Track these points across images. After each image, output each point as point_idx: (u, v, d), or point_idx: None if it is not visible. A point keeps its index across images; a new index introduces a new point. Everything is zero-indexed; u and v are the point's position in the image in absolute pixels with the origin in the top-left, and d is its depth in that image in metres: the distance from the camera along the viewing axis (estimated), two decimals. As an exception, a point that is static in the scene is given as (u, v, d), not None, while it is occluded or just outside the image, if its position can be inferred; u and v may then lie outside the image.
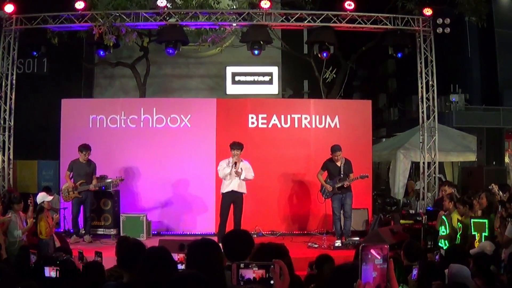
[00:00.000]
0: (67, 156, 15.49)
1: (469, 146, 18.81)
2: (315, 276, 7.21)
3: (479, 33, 25.51)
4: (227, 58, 20.18)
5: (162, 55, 17.93)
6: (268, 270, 3.58)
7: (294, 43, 19.80)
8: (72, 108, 16.55)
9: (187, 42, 16.89)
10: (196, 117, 15.96)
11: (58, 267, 5.45)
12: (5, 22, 16.97)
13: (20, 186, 17.98)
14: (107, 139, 15.94)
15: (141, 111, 16.09)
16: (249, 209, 15.24)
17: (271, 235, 15.16)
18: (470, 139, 19.27)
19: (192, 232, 15.31)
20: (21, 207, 11.34)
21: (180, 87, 21.00)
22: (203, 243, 5.02)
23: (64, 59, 19.99)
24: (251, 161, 15.34)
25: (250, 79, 20.44)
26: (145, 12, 16.42)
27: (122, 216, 15.13)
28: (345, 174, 13.73)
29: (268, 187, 15.73)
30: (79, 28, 16.99)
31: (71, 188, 14.57)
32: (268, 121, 15.89)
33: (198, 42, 18.21)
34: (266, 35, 16.08)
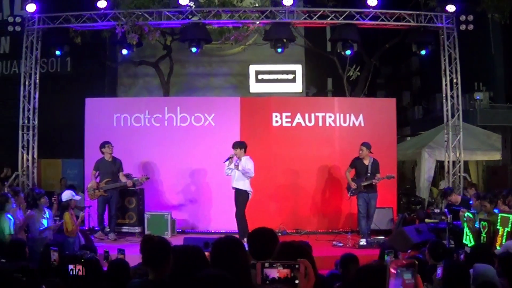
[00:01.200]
0: (92, 155, 15.64)
1: (494, 144, 18.76)
2: (339, 275, 7.23)
3: (502, 30, 25.39)
4: (250, 56, 20.17)
5: (186, 54, 18.10)
6: (293, 270, 3.60)
7: (317, 41, 19.78)
8: (96, 107, 16.69)
9: (210, 40, 16.95)
10: (220, 115, 16.01)
11: (83, 265, 5.45)
12: (27, 21, 17.17)
13: (45, 185, 18.15)
14: (131, 138, 16.05)
15: (165, 110, 16.16)
16: (274, 207, 15.62)
17: (296, 233, 15.17)
18: (495, 138, 19.22)
19: (217, 230, 15.31)
20: (46, 201, 11.56)
21: (204, 86, 21.07)
22: (227, 241, 5.06)
23: (87, 58, 20.23)
24: (275, 159, 15.67)
25: (274, 77, 20.41)
26: (168, 11, 16.51)
27: (147, 214, 15.20)
28: (372, 174, 13.79)
29: (292, 185, 15.76)
30: (101, 27, 17.11)
31: (95, 187, 14.78)
32: (292, 120, 15.86)
33: (221, 41, 18.27)
34: (289, 33, 16.13)
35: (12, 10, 22.37)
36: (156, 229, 14.40)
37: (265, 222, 13.96)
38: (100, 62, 20.89)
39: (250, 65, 20.54)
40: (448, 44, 16.11)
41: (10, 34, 19.86)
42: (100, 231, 14.80)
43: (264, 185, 15.61)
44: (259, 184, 15.37)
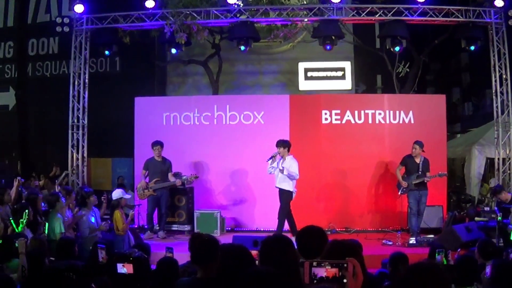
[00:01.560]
0: (141, 154, 15.80)
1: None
2: (388, 274, 7.22)
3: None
4: (299, 53, 20.13)
5: (234, 52, 18.18)
6: (341, 269, 3.59)
7: (366, 38, 19.69)
8: (145, 106, 16.84)
9: (258, 38, 17.05)
10: (269, 113, 15.97)
11: (131, 263, 5.55)
12: (75, 22, 17.41)
13: (95, 183, 18.45)
14: (180, 136, 16.14)
15: (215, 108, 16.20)
16: (323, 205, 15.57)
17: (345, 232, 15.08)
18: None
19: (266, 228, 15.22)
20: (95, 200, 11.72)
21: (253, 84, 21.11)
22: (276, 239, 5.09)
23: (136, 57, 20.46)
24: (325, 157, 15.56)
25: (323, 75, 20.34)
26: (216, 10, 16.61)
27: (196, 213, 15.30)
28: (423, 172, 13.70)
29: (342, 183, 15.67)
30: (150, 26, 17.32)
31: (145, 187, 14.92)
32: (342, 117, 15.72)
33: (269, 38, 18.28)
34: (337, 30, 16.08)
35: (60, 11, 22.69)
36: (205, 227, 14.52)
37: (314, 221, 13.95)
38: (149, 62, 21.05)
39: (299, 63, 20.48)
40: (497, 39, 15.92)
41: (59, 35, 20.22)
42: (149, 231, 14.92)
43: (314, 183, 15.64)
44: (308, 182, 15.40)
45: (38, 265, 6.83)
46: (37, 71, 23.30)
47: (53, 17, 21.74)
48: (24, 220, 9.35)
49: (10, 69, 23.88)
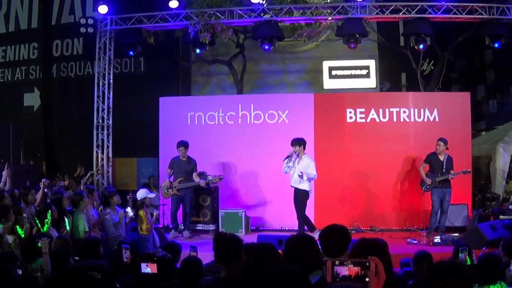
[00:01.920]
0: (166, 154, 15.90)
1: None
2: (413, 273, 7.25)
3: None
4: (323, 52, 20.09)
5: (258, 51, 18.20)
6: (363, 268, 3.61)
7: (390, 35, 19.64)
8: (170, 106, 16.94)
9: (282, 37, 17.12)
10: (293, 112, 15.96)
11: (155, 263, 5.52)
12: (100, 23, 17.61)
13: (120, 183, 18.62)
14: (205, 136, 16.22)
15: (239, 107, 16.26)
16: (348, 204, 15.55)
17: (370, 231, 15.09)
18: None
19: (291, 227, 15.01)
20: (118, 200, 11.73)
21: (277, 83, 21.09)
22: (300, 238, 5.16)
23: (161, 58, 20.57)
24: (349, 156, 15.58)
25: (347, 73, 20.28)
26: (240, 9, 16.72)
27: (221, 212, 15.35)
28: (446, 170, 13.69)
29: (366, 182, 15.67)
30: (174, 27, 17.48)
31: (169, 186, 15.04)
32: (367, 116, 15.71)
33: (293, 37, 18.29)
34: (361, 28, 16.16)
35: (84, 12, 22.83)
36: (230, 226, 14.55)
37: (339, 220, 13.94)
38: (174, 62, 21.15)
39: (323, 61, 20.43)
40: (521, 36, 15.90)
41: (83, 36, 20.43)
42: (173, 230, 14.98)
43: (338, 182, 15.70)
44: (333, 181, 15.52)
45: (62, 265, 6.87)
46: (61, 72, 23.44)
47: (77, 18, 21.86)
48: (48, 220, 9.44)
49: (34, 70, 24.05)
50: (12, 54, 24.91)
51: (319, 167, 15.18)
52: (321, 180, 15.28)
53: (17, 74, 24.61)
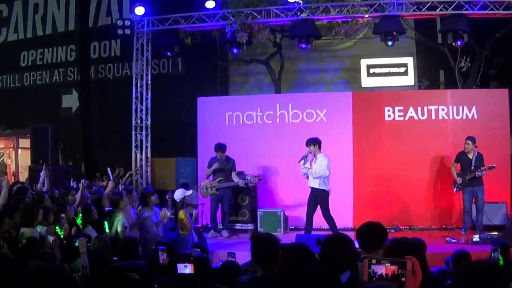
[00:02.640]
0: (205, 153, 16.20)
1: None
2: (451, 272, 7.27)
3: None
4: (361, 50, 20.02)
5: (296, 50, 18.15)
6: (400, 267, 3.67)
7: (427, 33, 19.51)
8: (208, 105, 17.17)
9: (319, 36, 17.17)
10: (332, 111, 16.05)
11: (192, 263, 5.57)
12: (137, 24, 17.85)
13: (159, 183, 18.83)
14: (243, 135, 16.45)
15: (277, 107, 16.40)
16: (387, 203, 15.62)
17: (409, 229, 15.11)
18: None
19: (329, 227, 14.81)
20: (156, 200, 11.96)
21: (315, 82, 21.03)
22: (337, 238, 5.29)
23: (198, 58, 20.64)
24: (388, 154, 15.69)
25: (385, 71, 20.19)
26: (276, 8, 16.75)
27: (260, 212, 15.55)
28: (476, 167, 13.73)
29: (405, 181, 15.68)
30: (211, 27, 17.64)
31: (208, 185, 15.20)
32: (405, 114, 15.82)
33: (330, 36, 18.26)
34: (398, 26, 16.13)
35: (120, 14, 22.95)
36: (268, 226, 14.73)
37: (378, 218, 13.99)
38: (211, 62, 21.24)
39: (361, 59, 20.37)
40: (559, 31, 15.78)
41: (120, 37, 20.60)
42: (212, 230, 15.21)
43: (377, 181, 15.80)
44: (372, 179, 15.64)
45: (101, 265, 6.94)
46: (99, 73, 23.60)
47: (114, 20, 21.92)
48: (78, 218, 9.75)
49: (72, 72, 24.25)
50: (50, 56, 25.16)
51: (358, 165, 15.40)
52: (360, 179, 15.47)
53: (55, 76, 24.84)
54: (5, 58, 25.90)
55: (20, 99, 24.85)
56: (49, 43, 25.08)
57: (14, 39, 26.09)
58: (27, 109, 24.24)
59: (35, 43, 25.42)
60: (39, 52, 25.27)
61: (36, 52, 25.34)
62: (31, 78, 25.36)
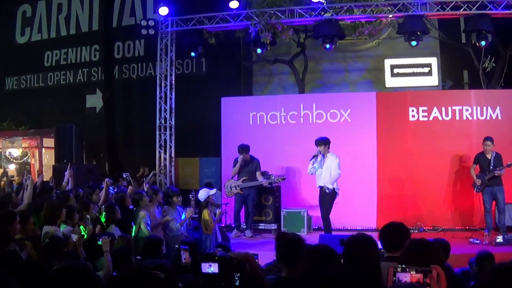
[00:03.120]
0: (228, 153, 16.30)
1: None
2: (474, 273, 7.26)
3: None
4: (385, 50, 20.01)
5: (320, 50, 18.28)
6: (426, 275, 3.74)
7: (451, 32, 19.45)
8: (232, 106, 17.29)
9: (343, 36, 17.17)
10: (356, 111, 16.05)
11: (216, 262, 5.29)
12: (160, 24, 17.98)
13: (182, 183, 18.95)
14: (267, 135, 16.49)
15: (301, 107, 16.42)
16: (411, 203, 15.63)
17: (433, 230, 15.09)
18: None
19: (353, 227, 15.25)
20: (180, 201, 11.99)
21: (339, 82, 21.10)
22: (360, 239, 5.26)
23: (222, 58, 20.78)
24: (412, 155, 15.64)
25: (409, 71, 20.12)
26: (300, 8, 16.84)
27: (283, 211, 15.57)
28: (494, 167, 13.77)
29: (429, 181, 15.63)
30: (235, 27, 17.75)
31: (232, 185, 15.31)
32: (429, 114, 15.78)
33: (354, 36, 18.32)
34: (422, 26, 16.13)
35: (144, 14, 23.10)
36: (292, 226, 14.79)
37: (401, 218, 13.97)
38: (235, 62, 21.33)
39: (385, 59, 20.37)
40: None
41: (144, 37, 20.79)
42: (236, 230, 15.31)
43: (401, 181, 15.81)
44: (396, 179, 15.65)
45: (124, 264, 7.13)
46: (123, 73, 23.76)
47: (138, 20, 22.07)
48: (102, 216, 9.87)
49: (96, 72, 24.47)
50: (74, 57, 25.38)
51: (382, 166, 15.41)
52: (384, 179, 15.51)
53: (79, 76, 25.07)
54: (29, 58, 26.22)
55: (44, 99, 25.19)
56: (73, 43, 25.38)
57: (38, 39, 26.45)
58: (51, 109, 24.57)
59: (59, 43, 25.78)
60: (63, 52, 25.56)
61: (60, 52, 25.64)
62: (55, 78, 25.65)
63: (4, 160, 23.89)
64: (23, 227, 8.28)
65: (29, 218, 8.69)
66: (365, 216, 15.48)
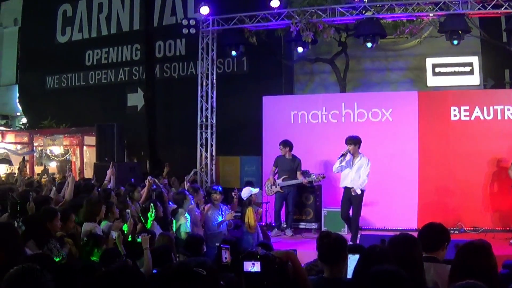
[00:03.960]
0: (269, 152, 16.44)
1: None
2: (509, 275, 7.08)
3: None
4: (426, 49, 20.00)
5: (361, 49, 18.34)
6: None
7: (493, 31, 19.34)
8: (273, 104, 17.39)
9: (385, 35, 17.18)
10: (397, 111, 16.03)
11: (259, 261, 5.22)
12: (201, 24, 18.15)
13: (223, 181, 18.95)
14: (308, 134, 16.53)
15: (342, 106, 16.45)
16: (452, 204, 15.50)
17: (473, 231, 14.97)
18: None
19: (394, 227, 15.18)
20: (221, 199, 12.13)
21: (380, 81, 21.18)
22: (403, 238, 5.39)
23: (263, 57, 20.97)
24: (454, 155, 15.58)
25: (451, 70, 20.04)
26: (341, 7, 16.88)
27: (324, 211, 15.63)
28: None
29: (470, 181, 15.51)
30: (276, 26, 17.84)
31: (272, 183, 15.45)
32: (471, 113, 15.66)
33: (396, 34, 18.39)
34: (464, 24, 16.00)
35: (185, 13, 23.31)
36: (333, 225, 14.73)
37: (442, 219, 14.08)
38: (276, 61, 21.38)
39: (426, 58, 20.42)
40: None
41: (185, 37, 21.01)
42: (276, 229, 15.37)
43: (443, 181, 15.70)
44: (437, 179, 15.63)
45: (165, 261, 7.16)
46: (164, 72, 24.03)
47: (179, 20, 22.41)
48: (152, 213, 9.88)
49: (137, 71, 24.76)
50: (115, 56, 25.74)
51: (423, 166, 15.41)
52: (425, 179, 15.48)
53: (121, 75, 25.45)
54: (70, 57, 26.69)
55: (85, 98, 25.57)
56: (114, 42, 25.78)
57: (79, 39, 26.90)
58: (92, 107, 24.88)
59: (100, 43, 26.24)
60: (104, 51, 25.96)
61: (101, 51, 26.05)
62: (96, 77, 26.07)
63: (45, 157, 24.26)
64: (64, 224, 8.49)
65: (70, 215, 8.87)
66: (406, 217, 15.38)
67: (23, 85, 29.98)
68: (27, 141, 23.12)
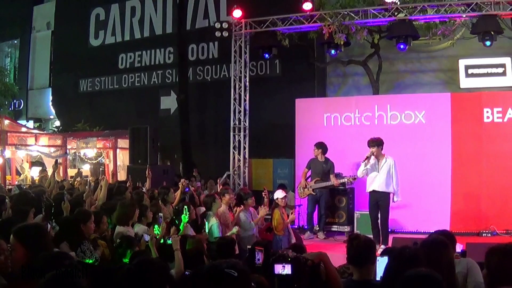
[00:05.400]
0: (302, 154, 16.58)
1: None
2: None
3: None
4: (459, 50, 19.84)
5: (394, 51, 18.36)
6: None
7: (524, 32, 19.38)
8: (306, 107, 17.49)
9: (417, 36, 17.24)
10: (430, 112, 16.04)
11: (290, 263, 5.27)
12: (234, 27, 18.35)
13: (256, 184, 19.22)
14: (341, 137, 16.61)
15: (375, 108, 16.53)
16: (485, 206, 15.44)
17: (506, 234, 14.81)
18: None
19: (426, 230, 14.57)
20: (253, 202, 12.14)
21: (413, 83, 21.15)
22: (434, 241, 5.49)
23: (296, 60, 21.09)
24: (487, 157, 15.50)
25: (484, 72, 19.97)
26: (373, 9, 17.01)
27: (356, 214, 15.69)
28: None
29: (503, 184, 15.36)
30: (308, 28, 18.01)
31: (305, 185, 15.60)
32: (504, 115, 15.53)
33: (428, 36, 18.34)
34: (496, 25, 16.03)
35: (218, 16, 23.54)
36: (365, 228, 14.58)
37: (475, 221, 14.10)
38: (309, 63, 21.49)
39: (459, 60, 20.41)
40: None
41: (218, 40, 21.26)
42: (309, 232, 15.52)
43: (475, 183, 15.64)
44: (470, 182, 15.58)
45: (197, 263, 7.17)
46: (197, 75, 24.27)
47: (211, 23, 22.73)
48: (185, 216, 9.96)
49: (170, 74, 25.05)
50: (148, 59, 26.06)
51: (456, 168, 15.38)
52: (458, 181, 15.44)
53: (154, 78, 25.77)
54: (103, 60, 27.06)
55: (118, 101, 25.93)
56: (147, 45, 26.08)
57: (112, 42, 27.24)
58: (125, 110, 25.26)
59: (133, 46, 26.57)
60: (137, 55, 26.27)
61: (134, 55, 26.36)
62: (129, 80, 26.39)
63: (78, 160, 24.58)
64: (98, 227, 8.64)
65: (103, 218, 9.03)
66: (438, 219, 15.17)
67: (57, 89, 30.51)
68: (60, 144, 23.36)
